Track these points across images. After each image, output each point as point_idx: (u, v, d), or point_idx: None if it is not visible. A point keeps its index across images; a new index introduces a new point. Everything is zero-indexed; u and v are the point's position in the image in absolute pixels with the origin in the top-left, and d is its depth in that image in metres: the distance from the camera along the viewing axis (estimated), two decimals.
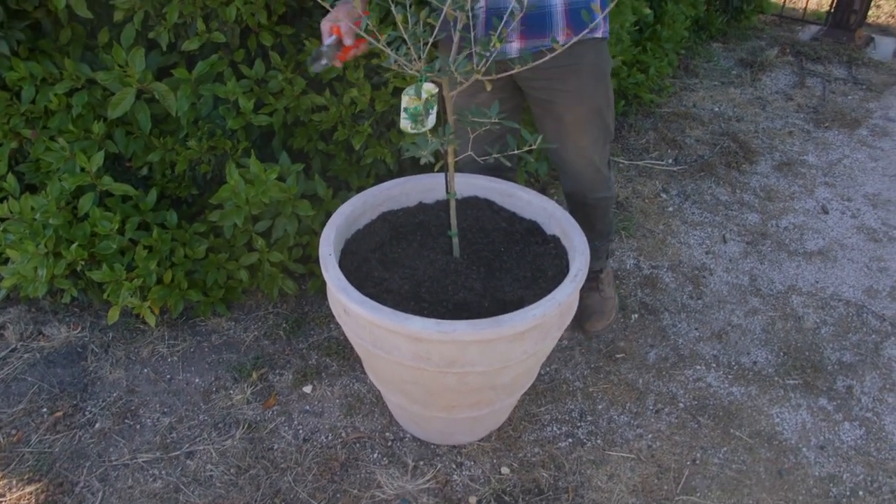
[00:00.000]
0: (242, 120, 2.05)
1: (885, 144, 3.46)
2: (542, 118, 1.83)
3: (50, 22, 2.18)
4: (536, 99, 1.80)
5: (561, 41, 1.60)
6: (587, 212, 2.04)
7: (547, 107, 1.79)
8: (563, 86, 1.72)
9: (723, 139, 3.41)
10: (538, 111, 1.83)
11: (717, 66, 4.21)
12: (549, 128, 1.83)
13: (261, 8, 1.94)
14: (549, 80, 1.72)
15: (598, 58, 1.73)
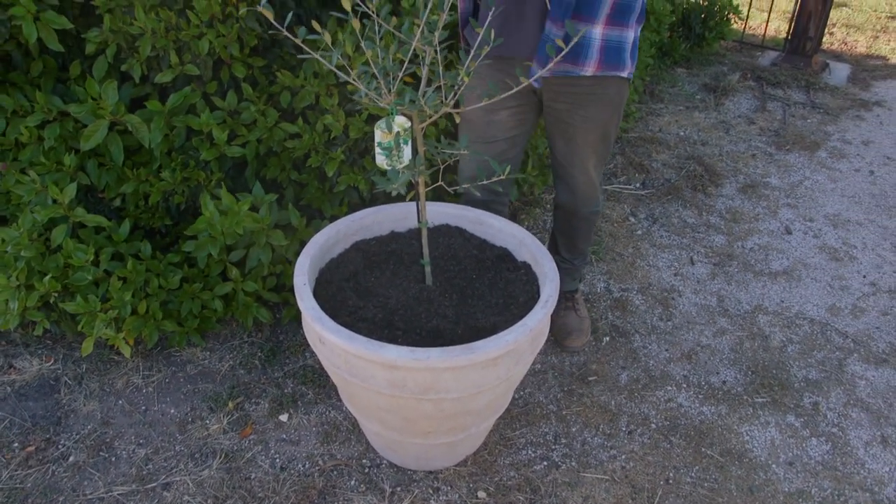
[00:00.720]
0: (216, 151, 2.07)
1: (842, 166, 3.56)
2: (555, 134, 1.95)
3: (21, 54, 2.18)
4: (555, 118, 1.91)
5: (591, 73, 1.74)
6: (576, 225, 2.15)
7: (563, 126, 1.91)
8: (583, 111, 1.84)
9: (689, 163, 3.49)
10: (552, 128, 1.95)
11: (681, 91, 4.31)
12: (560, 144, 1.96)
13: (233, 41, 1.97)
14: (572, 104, 1.84)
15: (619, 93, 1.85)
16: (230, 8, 1.94)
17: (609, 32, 1.69)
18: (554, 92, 1.80)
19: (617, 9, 1.66)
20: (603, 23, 1.67)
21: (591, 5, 1.63)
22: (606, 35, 1.69)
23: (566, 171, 2.01)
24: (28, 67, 2.20)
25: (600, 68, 1.74)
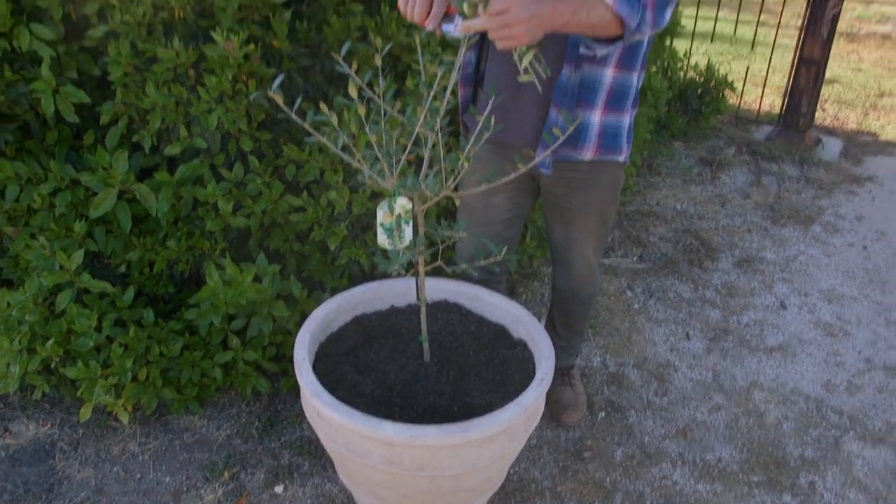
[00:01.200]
0: (221, 222, 2.12)
1: (836, 241, 3.62)
2: (553, 218, 1.98)
3: (38, 123, 2.26)
4: (553, 203, 1.94)
5: (589, 158, 1.78)
6: (573, 307, 2.17)
7: (561, 211, 1.94)
8: (581, 196, 1.88)
9: (685, 236, 3.55)
10: (550, 212, 1.98)
11: (678, 165, 4.41)
12: (558, 228, 1.99)
13: (241, 115, 2.04)
14: (570, 189, 1.87)
15: (615, 177, 1.90)
16: (240, 85, 2.02)
17: (607, 118, 1.75)
18: (552, 177, 1.84)
19: (614, 95, 1.73)
20: (601, 109, 1.73)
21: (590, 92, 1.70)
22: (604, 121, 1.75)
23: (564, 256, 2.04)
24: (44, 136, 2.27)
25: (598, 153, 1.79)
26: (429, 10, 1.33)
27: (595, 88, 1.70)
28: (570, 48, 1.64)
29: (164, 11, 2.01)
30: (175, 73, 2.05)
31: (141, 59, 2.07)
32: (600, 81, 1.70)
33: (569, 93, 1.68)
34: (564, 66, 1.66)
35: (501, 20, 1.26)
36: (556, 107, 1.70)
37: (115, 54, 2.04)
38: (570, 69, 1.66)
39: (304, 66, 2.18)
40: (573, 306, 2.17)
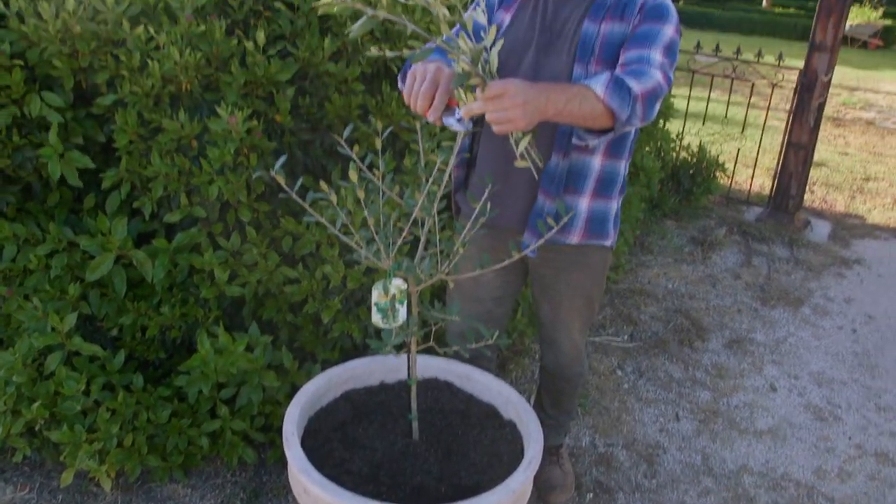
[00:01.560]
0: (216, 290, 2.14)
1: (826, 323, 3.65)
2: (541, 299, 2.02)
3: (40, 185, 2.29)
4: (541, 284, 1.99)
5: (575, 242, 1.83)
6: (561, 386, 2.19)
7: (549, 292, 1.98)
8: (568, 277, 1.92)
9: (676, 316, 3.57)
10: (539, 293, 2.02)
11: (670, 244, 4.46)
12: (546, 309, 2.02)
13: (241, 187, 2.08)
14: (557, 271, 1.92)
15: (602, 260, 1.94)
16: (241, 157, 2.06)
17: (594, 204, 1.80)
18: (540, 258, 1.89)
19: (601, 182, 1.78)
20: (589, 195, 1.78)
21: (578, 179, 1.75)
22: (592, 207, 1.79)
23: (551, 336, 2.07)
24: (45, 197, 2.31)
25: (585, 238, 1.83)
26: (430, 102, 1.38)
27: (584, 175, 1.75)
28: (559, 136, 1.70)
29: (172, 84, 2.07)
30: (179, 144, 2.09)
31: (146, 128, 2.12)
32: (589, 169, 1.75)
33: (556, 180, 1.73)
34: (553, 154, 1.71)
35: (499, 104, 1.30)
36: (543, 193, 1.74)
37: (122, 123, 2.10)
38: (558, 157, 1.71)
39: (304, 141, 2.23)
40: (561, 385, 2.19)
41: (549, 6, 1.75)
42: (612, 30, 1.67)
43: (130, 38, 2.05)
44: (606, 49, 1.66)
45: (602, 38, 1.66)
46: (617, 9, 1.68)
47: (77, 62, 2.12)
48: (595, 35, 1.66)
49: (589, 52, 1.66)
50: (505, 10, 1.81)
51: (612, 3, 1.68)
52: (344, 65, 2.19)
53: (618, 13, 1.67)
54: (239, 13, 2.16)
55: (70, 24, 2.04)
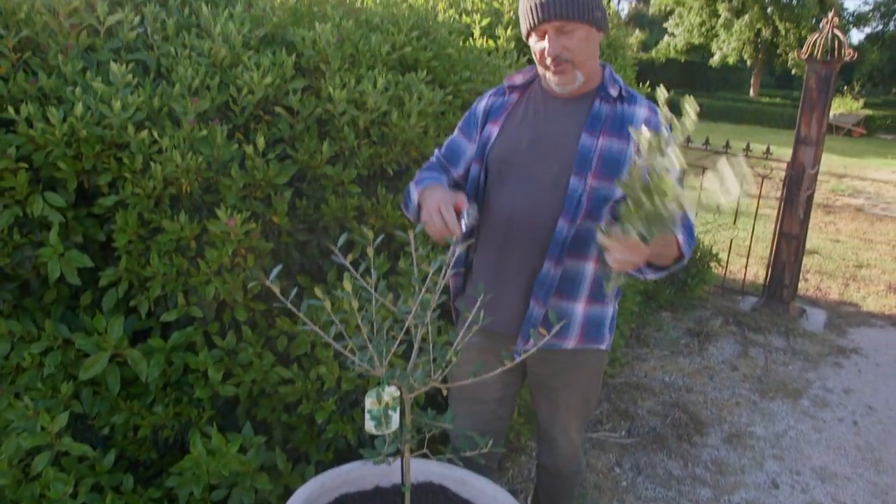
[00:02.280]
0: (210, 389, 2.13)
1: (826, 415, 3.61)
2: (539, 399, 2.05)
3: (38, 282, 2.31)
4: (539, 383, 2.01)
5: (571, 347, 1.87)
6: (558, 485, 2.18)
7: (546, 391, 2.01)
8: (565, 378, 1.95)
9: (674, 410, 3.54)
10: (536, 391, 2.05)
11: (666, 336, 4.46)
12: (543, 407, 2.05)
13: (238, 287, 2.09)
14: (555, 372, 1.95)
15: (598, 362, 1.98)
16: (238, 258, 2.09)
17: (590, 310, 1.82)
18: (537, 359, 1.88)
19: (597, 287, 1.80)
20: (584, 301, 1.80)
21: (573, 285, 1.78)
22: (588, 312, 1.82)
23: (549, 434, 2.07)
24: (42, 294, 2.31)
25: (581, 342, 1.86)
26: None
27: (578, 282, 1.78)
28: (552, 245, 1.74)
29: (173, 186, 2.11)
30: (178, 244, 2.12)
31: (146, 228, 2.15)
32: (583, 275, 1.78)
33: (546, 286, 1.77)
34: (546, 262, 1.75)
35: (633, 253, 1.46)
36: (535, 300, 1.78)
37: (123, 223, 2.13)
38: (550, 264, 1.75)
39: (301, 241, 2.27)
40: (558, 483, 2.18)
41: (540, 117, 1.81)
42: (610, 145, 1.73)
43: (134, 142, 2.10)
44: (604, 164, 1.72)
45: (600, 153, 1.72)
46: (615, 123, 1.74)
47: (81, 164, 2.16)
48: (593, 149, 1.72)
49: (587, 165, 1.72)
50: (493, 123, 1.87)
51: (608, 116, 1.75)
52: (341, 167, 2.25)
53: (616, 128, 1.74)
54: (240, 118, 2.23)
55: (77, 128, 2.09)
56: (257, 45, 2.45)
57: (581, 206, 1.74)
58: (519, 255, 1.81)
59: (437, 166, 1.98)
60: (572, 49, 1.71)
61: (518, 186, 1.79)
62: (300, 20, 2.63)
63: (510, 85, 1.91)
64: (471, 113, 1.96)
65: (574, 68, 1.73)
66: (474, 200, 1.81)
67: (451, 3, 3.90)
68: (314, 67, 2.41)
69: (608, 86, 1.79)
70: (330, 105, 2.26)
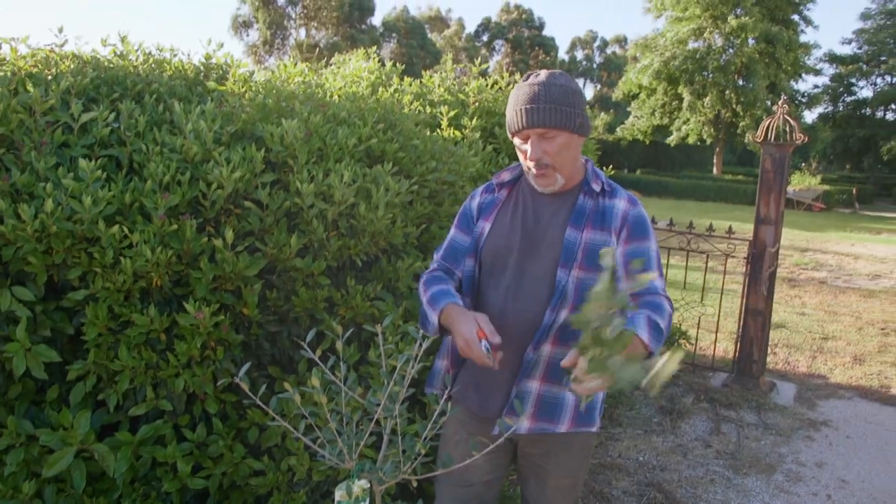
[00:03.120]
0: (178, 483, 2.10)
1: (800, 490, 3.61)
2: (528, 478, 2.07)
3: (2, 377, 2.28)
4: (530, 463, 2.04)
5: (564, 431, 1.92)
6: None
7: (536, 471, 2.04)
8: (556, 459, 1.99)
9: (648, 490, 3.52)
10: (526, 472, 2.07)
11: (638, 415, 4.48)
12: (532, 484, 2.07)
13: (208, 380, 2.09)
14: (545, 454, 1.99)
15: (588, 444, 2.03)
16: (208, 351, 2.10)
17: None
18: (529, 440, 1.98)
19: None
20: None
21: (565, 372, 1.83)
22: (579, 398, 1.87)
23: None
24: (6, 389, 2.28)
25: (573, 426, 1.93)
26: None
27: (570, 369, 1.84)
28: (537, 333, 1.84)
29: (143, 280, 2.13)
30: (147, 338, 2.13)
31: (116, 322, 2.16)
32: None
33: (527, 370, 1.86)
34: (529, 348, 1.83)
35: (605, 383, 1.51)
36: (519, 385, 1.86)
37: (93, 317, 2.13)
38: (531, 349, 1.86)
39: (271, 332, 2.28)
40: None
41: (528, 212, 1.93)
42: (593, 238, 1.86)
43: (104, 237, 2.12)
44: (588, 256, 1.84)
45: (584, 246, 1.85)
46: (596, 217, 1.88)
47: (51, 258, 2.18)
48: (578, 243, 1.85)
49: (572, 258, 1.84)
50: (485, 220, 1.99)
51: (590, 211, 1.88)
52: (310, 259, 2.29)
53: (598, 222, 1.87)
54: (210, 211, 2.27)
55: (47, 224, 2.12)
56: (228, 141, 2.51)
57: (567, 296, 1.85)
58: (511, 345, 1.88)
59: (441, 275, 2.05)
60: (552, 154, 1.84)
61: (510, 280, 1.90)
62: (269, 116, 2.72)
63: (499, 182, 2.04)
64: (465, 210, 2.08)
65: (554, 171, 1.86)
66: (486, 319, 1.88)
67: (417, 95, 4.04)
68: (283, 162, 2.48)
69: (591, 181, 1.92)
70: (298, 198, 2.32)
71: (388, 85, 4.01)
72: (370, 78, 3.97)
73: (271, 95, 2.85)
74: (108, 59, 3.17)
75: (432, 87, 4.23)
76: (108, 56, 3.22)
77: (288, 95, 2.92)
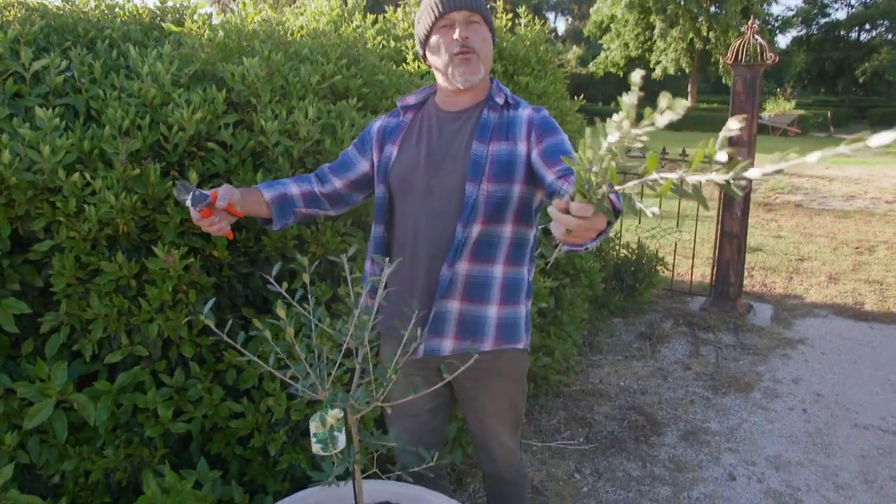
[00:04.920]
0: (161, 428, 2.10)
1: (777, 406, 3.71)
2: (466, 409, 2.07)
3: None
4: (464, 394, 2.03)
5: (489, 349, 1.89)
6: (506, 490, 2.19)
7: (471, 402, 2.03)
8: (487, 384, 1.97)
9: (630, 413, 3.60)
10: (463, 403, 2.06)
11: (618, 341, 4.54)
12: (471, 418, 2.06)
13: (182, 324, 2.08)
14: (476, 380, 1.96)
15: (519, 363, 2.00)
16: (180, 294, 2.08)
17: (503, 311, 1.89)
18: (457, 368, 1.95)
19: (507, 290, 1.88)
20: (497, 303, 1.88)
21: (483, 289, 1.86)
22: (501, 314, 1.89)
23: (482, 443, 2.10)
24: None
25: (497, 343, 1.91)
26: None
27: (488, 285, 1.85)
28: (450, 250, 1.84)
29: (109, 227, 2.10)
30: (117, 285, 2.11)
31: (85, 271, 2.13)
32: (492, 278, 1.86)
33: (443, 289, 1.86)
34: (443, 266, 1.84)
35: (590, 224, 1.40)
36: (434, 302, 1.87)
37: (60, 267, 2.10)
38: (445, 267, 1.85)
39: (243, 274, 2.27)
40: (505, 489, 2.20)
41: (433, 131, 1.91)
42: (499, 150, 1.84)
43: (66, 185, 2.08)
44: (495, 168, 1.83)
45: (491, 158, 1.84)
46: (501, 130, 1.86)
47: (13, 210, 2.14)
48: (485, 156, 1.83)
49: (480, 172, 1.83)
50: (391, 144, 1.98)
51: (495, 125, 1.87)
52: None
53: (503, 134, 1.86)
54: (173, 155, 2.23)
55: (6, 175, 2.07)
56: (187, 83, 2.45)
57: (478, 211, 1.83)
58: (426, 266, 1.88)
59: (302, 175, 2.08)
60: (477, 42, 1.85)
61: (419, 200, 1.89)
62: (229, 56, 2.65)
63: (403, 105, 2.03)
64: (365, 133, 2.07)
65: (479, 60, 1.86)
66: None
67: (380, 30, 3.95)
68: (245, 101, 2.43)
69: (494, 95, 1.93)
70: (263, 137, 2.28)
71: (350, 21, 3.92)
72: (331, 15, 3.87)
73: (231, 35, 2.78)
74: (56, 7, 3.06)
75: (396, 21, 4.14)
76: (57, 3, 3.11)
77: (248, 35, 2.85)
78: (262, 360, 1.38)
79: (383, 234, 1.98)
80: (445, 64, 1.88)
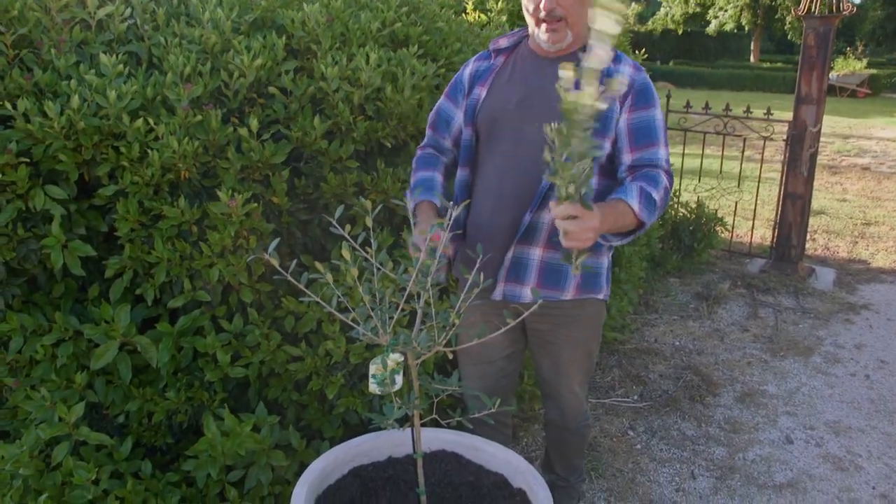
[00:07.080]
0: (220, 372, 2.15)
1: (838, 371, 3.61)
2: (541, 356, 2.06)
3: (45, 277, 2.33)
4: (539, 339, 2.02)
5: (570, 297, 1.88)
6: (567, 440, 2.20)
7: (548, 347, 2.01)
8: (565, 331, 1.96)
9: (685, 373, 3.55)
10: (537, 349, 2.05)
11: (675, 301, 4.46)
12: (545, 363, 2.05)
13: (242, 269, 2.11)
14: (554, 326, 1.96)
15: (597, 313, 1.99)
16: (241, 240, 2.10)
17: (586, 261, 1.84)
18: (536, 315, 1.89)
19: None
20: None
21: None
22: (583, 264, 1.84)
23: (553, 389, 2.09)
24: (51, 289, 2.33)
25: (578, 293, 1.88)
26: None
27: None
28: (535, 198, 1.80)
29: (171, 172, 2.12)
30: (179, 230, 2.13)
31: (147, 216, 2.17)
32: None
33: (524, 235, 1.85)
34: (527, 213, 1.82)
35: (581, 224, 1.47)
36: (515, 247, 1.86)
37: (124, 212, 2.14)
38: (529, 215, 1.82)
39: (302, 221, 2.27)
40: (567, 438, 2.20)
41: (527, 76, 1.83)
42: None
43: (130, 131, 2.11)
44: None
45: None
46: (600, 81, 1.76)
47: (81, 155, 2.18)
48: None
49: None
50: (480, 86, 1.90)
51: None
52: (338, 144, 2.25)
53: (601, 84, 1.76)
54: (234, 101, 2.23)
55: (74, 120, 2.10)
56: (247, 30, 2.45)
57: None
58: (511, 213, 1.84)
59: (430, 154, 2.03)
60: (566, 7, 1.75)
61: (508, 145, 1.83)
62: (289, 3, 2.63)
63: (495, 48, 1.96)
64: (457, 79, 2.00)
65: (566, 27, 1.78)
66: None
67: None
68: (305, 48, 2.41)
69: None
70: (323, 83, 2.26)
71: None
72: None
73: None
74: None
75: None
76: None
77: None
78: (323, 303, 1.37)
79: (468, 178, 1.95)
80: (532, 25, 1.83)
